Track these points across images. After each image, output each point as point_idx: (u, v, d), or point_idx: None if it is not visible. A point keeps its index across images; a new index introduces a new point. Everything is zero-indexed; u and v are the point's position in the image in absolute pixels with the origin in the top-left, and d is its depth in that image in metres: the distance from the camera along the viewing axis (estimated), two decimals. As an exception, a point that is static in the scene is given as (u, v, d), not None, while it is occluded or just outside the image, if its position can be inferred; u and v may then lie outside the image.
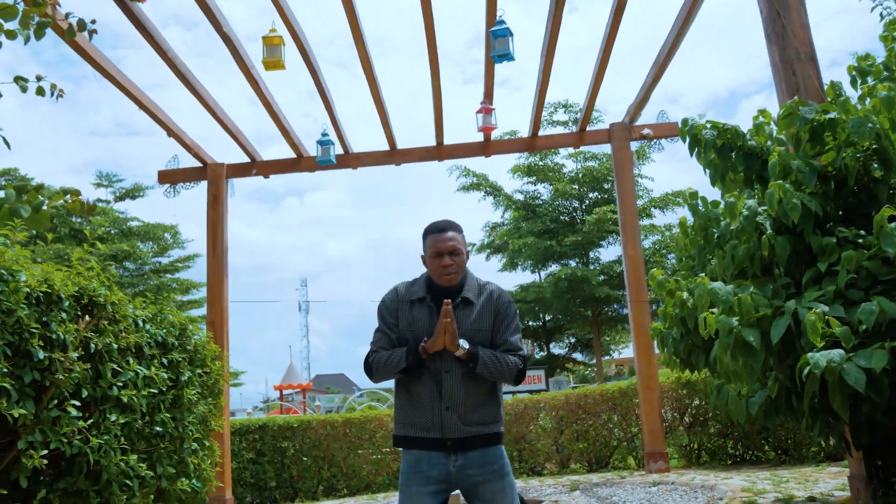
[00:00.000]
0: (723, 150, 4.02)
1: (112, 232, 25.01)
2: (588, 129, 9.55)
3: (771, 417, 3.69)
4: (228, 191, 9.59)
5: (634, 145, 9.47)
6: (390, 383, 3.34)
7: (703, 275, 3.82)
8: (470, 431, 3.09)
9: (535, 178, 25.39)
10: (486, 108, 8.14)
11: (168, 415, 3.78)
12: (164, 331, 3.96)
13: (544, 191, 25.93)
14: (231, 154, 14.96)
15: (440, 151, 9.56)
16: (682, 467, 8.96)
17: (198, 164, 9.63)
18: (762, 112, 4.32)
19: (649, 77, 8.39)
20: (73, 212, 3.97)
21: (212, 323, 9.17)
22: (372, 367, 3.21)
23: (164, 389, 3.76)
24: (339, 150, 9.34)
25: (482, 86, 8.27)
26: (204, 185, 9.61)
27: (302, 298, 74.69)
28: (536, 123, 9.33)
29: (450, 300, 3.05)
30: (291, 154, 9.65)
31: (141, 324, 3.76)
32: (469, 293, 3.22)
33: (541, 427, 10.06)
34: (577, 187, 24.67)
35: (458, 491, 3.20)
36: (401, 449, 3.24)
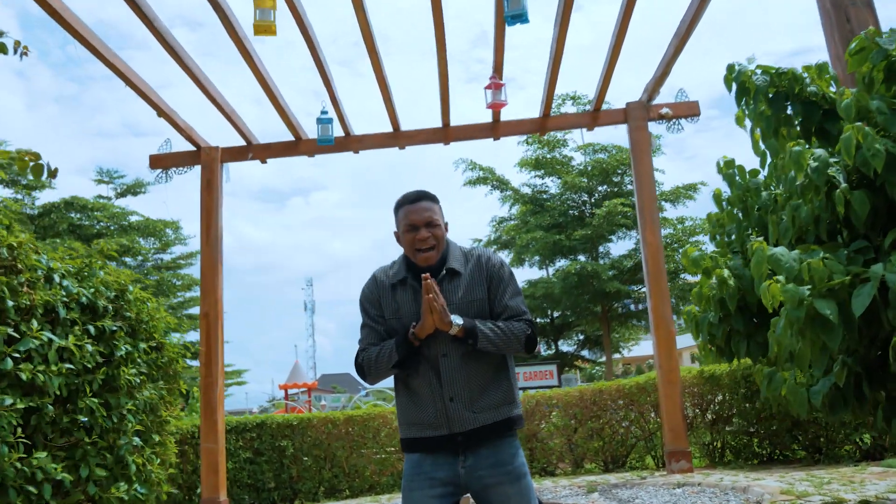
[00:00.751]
0: (776, 99, 3.47)
1: (111, 228, 24.51)
2: (603, 108, 9.01)
3: (837, 410, 3.16)
4: (224, 176, 9.06)
5: (653, 127, 8.93)
6: (392, 381, 3.00)
7: (760, 239, 3.28)
8: (480, 420, 2.76)
9: (542, 171, 24.84)
10: (496, 84, 7.60)
11: (97, 400, 3.03)
12: (93, 291, 3.17)
13: (552, 184, 25.38)
14: (226, 138, 14.43)
15: (446, 133, 9.02)
16: (706, 467, 8.41)
17: (191, 147, 9.12)
18: (819, 66, 3.77)
19: (670, 49, 7.85)
20: (22, 171, 3.44)
21: (206, 315, 8.67)
22: (364, 368, 2.90)
23: (91, 367, 3.01)
24: (339, 132, 8.84)
25: (487, 84, 7.75)
26: (197, 170, 9.10)
27: (307, 298, 74.57)
28: (548, 103, 8.79)
29: (428, 274, 2.72)
30: (289, 137, 9.13)
31: (58, 279, 3.01)
32: (454, 263, 2.91)
33: (553, 424, 9.51)
34: (585, 180, 24.09)
35: (468, 495, 2.86)
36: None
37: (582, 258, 24.42)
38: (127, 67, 7.51)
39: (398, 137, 9.06)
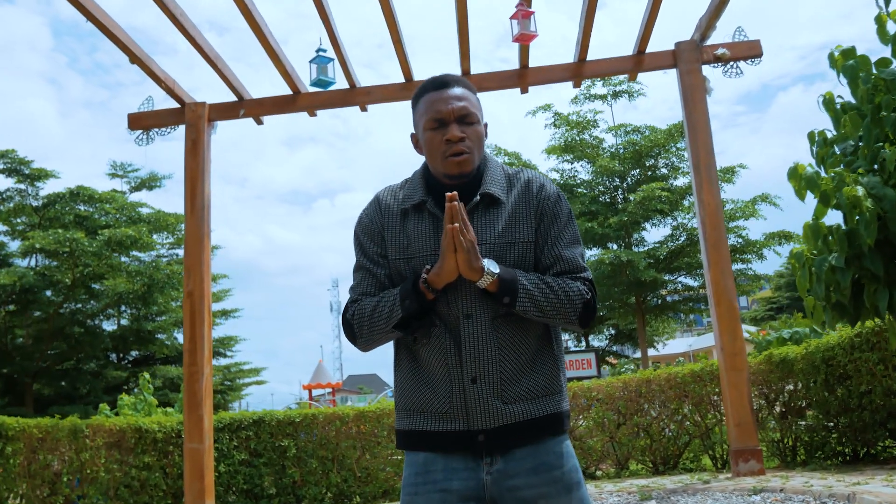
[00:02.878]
0: None
1: (119, 219, 23.55)
2: (648, 50, 7.74)
3: None
4: (210, 133, 7.89)
5: (707, 70, 7.64)
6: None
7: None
8: (514, 414, 1.92)
9: (571, 155, 23.52)
10: (524, 12, 6.39)
11: None
12: None
13: (582, 169, 24.04)
14: (215, 94, 13.35)
15: (467, 82, 7.78)
16: (776, 468, 7.11)
17: (175, 104, 7.97)
18: None
19: (732, -31, 6.58)
20: None
21: (190, 294, 7.52)
22: (353, 327, 2.05)
23: None
24: (343, 82, 7.66)
25: (512, 13, 6.50)
26: (182, 130, 7.95)
27: (333, 299, 73.88)
28: (584, 46, 7.55)
29: (455, 193, 1.86)
30: (287, 90, 7.95)
31: None
32: (492, 186, 2.03)
33: (593, 420, 8.23)
34: (618, 164, 22.72)
35: None
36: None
37: (614, 246, 23.08)
38: (97, 8, 6.39)
39: (411, 89, 7.84)
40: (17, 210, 22.95)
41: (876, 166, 3.38)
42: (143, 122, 8.00)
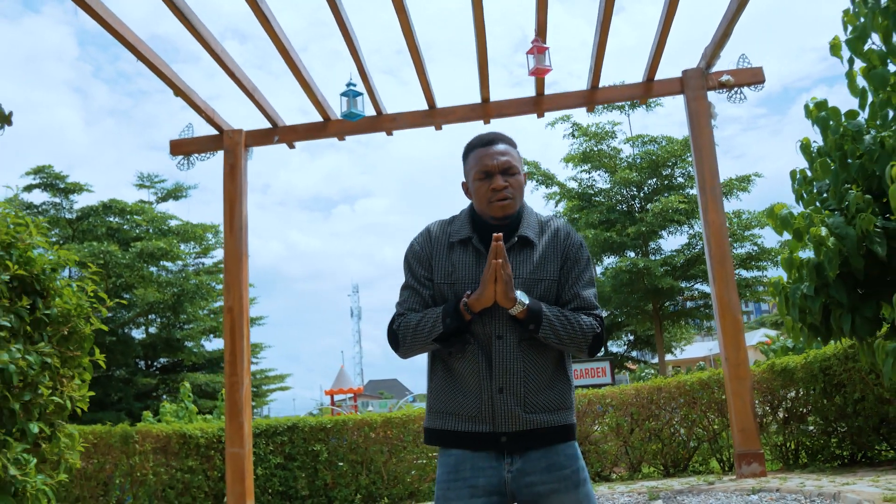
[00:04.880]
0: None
1: (150, 231, 24.25)
2: (657, 78, 8.23)
3: None
4: (247, 159, 8.47)
5: (713, 96, 8.12)
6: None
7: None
8: (533, 421, 2.31)
9: (589, 165, 23.97)
10: (539, 48, 6.90)
11: None
12: None
13: (600, 179, 24.47)
14: (250, 121, 13.96)
15: (486, 109, 8.31)
16: (779, 471, 7.57)
17: (213, 131, 8.55)
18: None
19: (732, 5, 7.06)
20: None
21: (230, 309, 8.06)
22: (398, 336, 2.42)
23: None
24: (370, 110, 8.20)
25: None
26: (220, 155, 8.52)
27: (353, 304, 74.45)
28: (596, 74, 8.05)
29: (501, 235, 2.24)
30: (317, 118, 8.51)
31: None
32: (528, 231, 2.43)
33: (607, 425, 8.72)
34: (635, 174, 23.14)
35: None
36: (437, 448, 2.45)
37: (631, 254, 23.50)
38: (139, 41, 6.97)
39: (434, 115, 8.39)
40: (51, 223, 23.69)
41: (844, 205, 3.88)
42: (183, 148, 8.59)
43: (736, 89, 8.07)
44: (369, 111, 8.19)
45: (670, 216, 21.87)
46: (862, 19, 3.34)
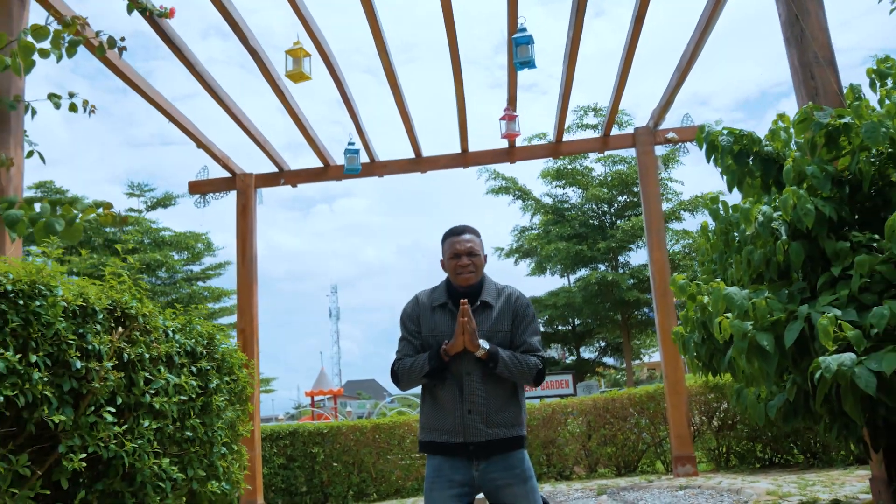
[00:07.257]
0: (740, 156, 4.06)
1: (145, 242, 25.36)
2: (613, 133, 9.59)
3: (789, 420, 3.73)
4: (256, 199, 9.74)
5: (660, 150, 9.49)
6: (419, 389, 3.43)
7: (719, 280, 3.86)
8: (492, 434, 3.12)
9: (563, 181, 25.40)
10: (510, 115, 8.21)
11: (198, 420, 3.86)
12: (193, 340, 4.07)
13: (573, 194, 25.93)
14: (259, 164, 15.14)
15: (465, 158, 9.65)
16: (711, 471, 8.95)
17: (227, 174, 9.80)
18: (781, 116, 4.35)
19: (672, 81, 8.41)
20: (105, 224, 4.14)
21: (242, 331, 9.33)
22: (398, 375, 3.27)
23: (194, 396, 3.85)
24: (364, 158, 9.47)
25: (501, 115, 8.37)
26: (233, 194, 9.78)
27: (332, 305, 75.31)
28: (560, 129, 9.38)
29: (467, 300, 3.13)
30: (319, 163, 9.79)
31: (171, 334, 3.88)
32: (488, 296, 3.29)
33: (569, 431, 10.09)
34: (606, 191, 24.61)
35: (482, 495, 3.24)
36: (425, 455, 3.35)
37: (602, 267, 24.95)
38: (168, 103, 8.18)
39: (420, 163, 9.69)
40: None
41: (720, 279, 5.24)
42: (200, 189, 9.84)
43: (680, 144, 9.45)
44: (364, 159, 9.46)
45: (639, 233, 23.30)
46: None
